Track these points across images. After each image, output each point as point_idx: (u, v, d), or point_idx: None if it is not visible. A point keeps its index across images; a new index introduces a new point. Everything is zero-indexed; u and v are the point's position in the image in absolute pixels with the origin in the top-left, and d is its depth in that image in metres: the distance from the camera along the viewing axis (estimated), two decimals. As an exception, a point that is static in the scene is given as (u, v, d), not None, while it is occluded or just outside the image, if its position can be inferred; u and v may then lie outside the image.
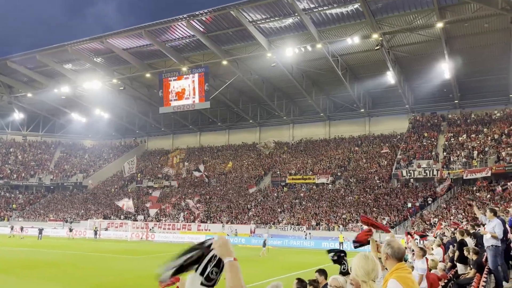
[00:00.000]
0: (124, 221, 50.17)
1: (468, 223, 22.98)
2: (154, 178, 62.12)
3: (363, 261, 3.03)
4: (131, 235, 45.98)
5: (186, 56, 47.43)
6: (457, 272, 10.39)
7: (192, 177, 59.41)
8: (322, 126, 58.87)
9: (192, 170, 57.77)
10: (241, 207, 48.92)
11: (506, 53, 38.68)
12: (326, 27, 39.02)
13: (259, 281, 17.70)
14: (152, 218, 49.86)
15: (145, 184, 61.58)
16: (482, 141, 42.53)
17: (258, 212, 47.14)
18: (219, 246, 1.83)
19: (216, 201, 51.80)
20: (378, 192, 43.93)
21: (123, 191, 60.47)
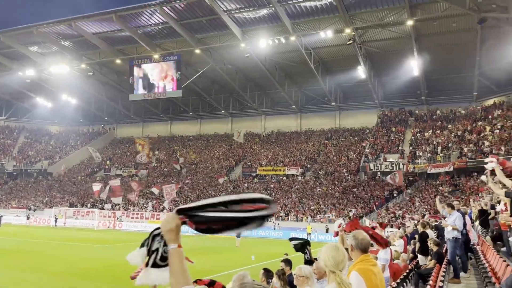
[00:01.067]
0: (91, 210, 49.21)
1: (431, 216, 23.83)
2: (123, 166, 61.08)
3: (334, 251, 3.08)
4: (98, 223, 45.19)
5: (158, 43, 46.59)
6: (418, 263, 10.78)
7: (161, 166, 58.84)
8: (293, 118, 59.31)
9: (162, 159, 57.17)
10: (211, 197, 48.77)
11: (472, 53, 39.96)
12: (300, 20, 39.17)
13: (228, 270, 17.83)
14: (120, 207, 49.11)
15: (113, 172, 60.45)
16: (446, 137, 43.99)
17: (228, 202, 47.16)
18: (166, 231, 1.74)
19: (186, 191, 51.50)
20: (346, 184, 44.81)
21: (90, 178, 59.16)
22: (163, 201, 47.51)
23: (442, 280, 7.07)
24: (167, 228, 1.75)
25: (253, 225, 1.72)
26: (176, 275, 1.71)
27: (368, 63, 45.05)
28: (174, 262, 1.72)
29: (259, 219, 1.72)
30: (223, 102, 59.77)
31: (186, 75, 48.85)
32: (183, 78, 47.16)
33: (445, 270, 8.41)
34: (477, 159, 36.60)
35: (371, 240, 6.04)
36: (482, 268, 8.60)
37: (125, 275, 3.06)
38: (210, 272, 17.30)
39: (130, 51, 48.28)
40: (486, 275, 7.24)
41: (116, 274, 16.17)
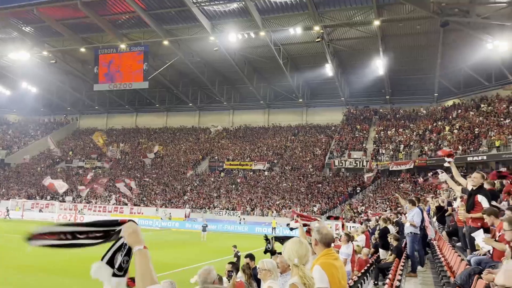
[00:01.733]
0: (51, 202, 47.67)
1: (392, 212, 24.62)
2: (86, 158, 59.46)
3: (297, 245, 3.15)
4: (58, 216, 43.84)
5: (125, 32, 45.50)
6: (379, 257, 11.14)
7: (126, 159, 57.69)
8: (261, 113, 59.51)
9: (126, 151, 56.02)
10: (176, 191, 48.41)
11: (434, 55, 41.36)
12: (270, 15, 39.26)
13: (193, 264, 17.78)
14: (81, 200, 47.84)
15: (75, 164, 58.75)
16: (408, 136, 45.42)
17: (194, 196, 46.95)
18: (129, 234, 1.75)
19: (150, 184, 50.77)
20: (311, 180, 45.51)
21: (50, 170, 57.23)
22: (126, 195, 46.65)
23: (401, 274, 7.35)
24: (129, 231, 1.77)
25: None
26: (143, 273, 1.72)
27: (336, 61, 45.77)
28: (140, 262, 1.73)
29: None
30: (191, 95, 59.16)
31: (154, 66, 48.00)
32: (150, 70, 46.31)
33: (404, 264, 8.74)
34: (437, 158, 38.03)
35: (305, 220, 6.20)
36: (438, 262, 9.00)
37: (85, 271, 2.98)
38: (176, 266, 17.20)
39: (95, 40, 46.90)
40: (442, 269, 7.58)
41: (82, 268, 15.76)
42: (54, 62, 49.64)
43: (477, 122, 39.94)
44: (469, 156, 35.56)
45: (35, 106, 66.31)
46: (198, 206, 44.74)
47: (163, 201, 46.51)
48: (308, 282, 2.98)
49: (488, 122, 38.68)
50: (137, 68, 45.62)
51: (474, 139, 37.83)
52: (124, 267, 1.80)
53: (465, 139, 38.55)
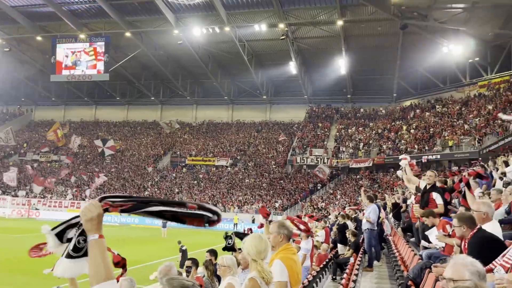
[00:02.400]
0: (2, 197, 45.53)
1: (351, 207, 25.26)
2: (40, 151, 57.13)
3: (257, 240, 3.20)
4: (11, 211, 41.98)
5: (85, 22, 44.03)
6: (337, 252, 11.43)
7: (84, 153, 55.95)
8: (225, 109, 59.30)
9: (84, 145, 54.29)
10: (136, 186, 47.48)
11: (394, 56, 42.70)
12: (235, 11, 39.16)
13: (153, 260, 17.54)
14: (35, 194, 45.99)
15: (29, 157, 56.33)
16: (368, 135, 46.70)
17: (155, 192, 46.23)
18: (86, 220, 1.61)
19: (110, 179, 49.49)
20: (273, 176, 45.91)
21: (2, 163, 54.62)
22: (84, 190, 45.35)
23: (358, 269, 7.58)
24: (88, 216, 1.61)
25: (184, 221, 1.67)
26: (97, 267, 1.57)
27: (300, 59, 46.29)
28: (94, 254, 1.59)
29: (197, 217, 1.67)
30: (153, 88, 58.06)
31: (115, 58, 46.73)
32: (111, 61, 45.08)
33: (361, 259, 9.02)
34: (394, 156, 39.36)
35: (296, 228, 6.33)
36: (393, 257, 9.35)
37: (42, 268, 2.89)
38: (136, 262, 16.91)
39: (53, 29, 45.10)
40: (396, 264, 7.88)
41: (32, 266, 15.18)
42: (8, 50, 47.36)
43: (432, 123, 41.63)
44: (424, 155, 37.02)
45: (-14, 95, 62.94)
46: (159, 202, 44.04)
47: (123, 196, 45.43)
48: (266, 276, 3.04)
49: (442, 123, 40.42)
50: (98, 59, 44.27)
51: (429, 138, 39.43)
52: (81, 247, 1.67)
53: (421, 138, 40.10)
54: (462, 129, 37.12)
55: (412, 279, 5.20)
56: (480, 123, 35.37)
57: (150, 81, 56.71)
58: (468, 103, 40.73)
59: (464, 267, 2.14)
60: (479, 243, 4.02)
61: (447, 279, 2.18)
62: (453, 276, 2.14)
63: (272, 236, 3.56)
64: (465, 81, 43.00)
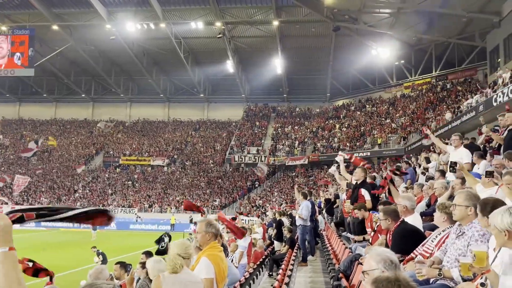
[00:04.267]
0: None
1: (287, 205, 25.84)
2: (-44, 152, 52.31)
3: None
4: None
5: (7, 13, 40.92)
6: (274, 248, 11.63)
7: (6, 153, 52.03)
8: (161, 107, 57.96)
9: (6, 145, 50.52)
10: (66, 188, 45.03)
11: (327, 57, 44.25)
12: (171, 8, 38.43)
13: (85, 265, 16.76)
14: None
15: None
16: (303, 133, 48.03)
17: (86, 193, 44.15)
18: None
19: (35, 181, 46.46)
20: (211, 175, 45.71)
21: None
22: (7, 193, 42.18)
23: (293, 264, 7.77)
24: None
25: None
26: (10, 282, 1.42)
27: (237, 58, 46.45)
28: (6, 268, 1.44)
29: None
30: (83, 85, 55.28)
31: (41, 52, 43.90)
32: (36, 56, 42.25)
33: (296, 255, 9.26)
34: (328, 154, 40.81)
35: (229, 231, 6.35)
36: (326, 251, 9.69)
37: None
38: (66, 267, 16.08)
39: (-31, 19, 41.39)
40: (329, 257, 8.19)
41: None
42: None
43: (362, 121, 43.74)
44: (355, 152, 38.73)
45: None
46: (90, 204, 42.12)
47: (51, 199, 42.93)
48: None
49: (372, 122, 42.61)
50: (21, 53, 41.29)
51: (360, 136, 41.39)
52: None
53: (353, 136, 41.98)
54: (390, 127, 39.37)
55: (342, 272, 5.43)
56: (405, 122, 37.74)
57: (80, 77, 53.92)
58: (395, 103, 43.28)
59: (371, 258, 2.26)
60: (401, 234, 4.30)
61: (361, 274, 2.29)
62: (364, 268, 2.26)
63: (200, 236, 3.60)
64: (392, 82, 45.65)
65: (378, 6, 34.47)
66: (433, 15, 32.82)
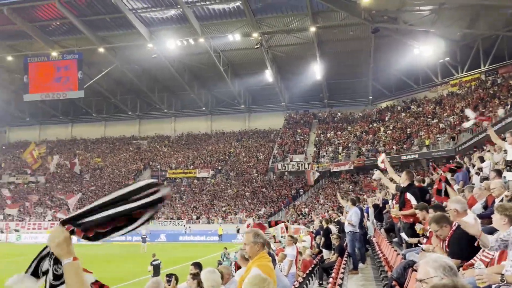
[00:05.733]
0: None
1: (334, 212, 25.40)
2: (17, 173, 55.68)
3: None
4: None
5: (57, 40, 43.37)
6: (322, 257, 11.44)
7: (62, 172, 54.80)
8: (204, 120, 59.08)
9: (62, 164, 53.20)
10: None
11: (367, 60, 43.43)
12: (209, 22, 39.24)
13: (136, 278, 17.21)
14: (13, 218, 44.70)
15: (5, 179, 54.79)
16: (346, 138, 47.23)
17: (136, 207, 45.51)
18: (56, 246, 1.55)
19: (90, 197, 48.51)
20: (255, 185, 45.85)
21: (-24, 188, 52.95)
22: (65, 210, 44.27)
23: (343, 272, 7.61)
24: (55, 242, 1.56)
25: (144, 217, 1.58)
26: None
27: (275, 67, 46.62)
28: (71, 277, 1.55)
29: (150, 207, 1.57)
30: (129, 103, 57.45)
31: (89, 74, 46.13)
32: (85, 78, 44.45)
33: (346, 263, 9.05)
34: (374, 158, 39.83)
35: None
36: (377, 258, 9.41)
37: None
38: (119, 280, 16.56)
39: (24, 47, 44.22)
40: (380, 265, 7.94)
41: None
42: (-23, 71, 46.20)
43: (408, 123, 42.42)
44: (402, 155, 37.63)
45: (-44, 119, 61.01)
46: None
47: (104, 214, 44.62)
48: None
49: (418, 123, 41.22)
50: (72, 77, 43.61)
51: (406, 138, 40.13)
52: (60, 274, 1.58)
53: (399, 139, 40.77)
54: (438, 127, 37.92)
55: (396, 279, 5.24)
56: (454, 121, 36.22)
57: (126, 96, 56.12)
58: (441, 102, 41.69)
59: (426, 264, 2.15)
60: (458, 239, 4.09)
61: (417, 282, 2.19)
62: (420, 277, 2.15)
63: (249, 247, 3.54)
64: (437, 81, 44.06)
65: (418, 4, 33.49)
66: (477, 9, 31.47)
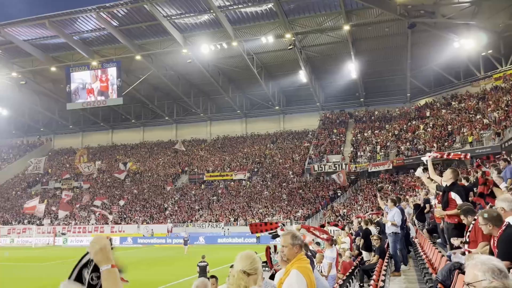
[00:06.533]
0: (28, 226, 46.29)
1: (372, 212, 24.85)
2: (62, 179, 58.09)
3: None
4: (37, 241, 42.61)
5: (96, 49, 44.99)
6: (362, 259, 11.20)
7: (104, 177, 56.67)
8: (239, 123, 59.51)
9: (103, 169, 55.05)
10: (157, 206, 47.76)
11: (404, 56, 42.34)
12: (241, 25, 39.52)
13: (177, 280, 17.50)
14: (59, 222, 46.64)
15: (51, 185, 57.33)
16: (384, 137, 46.16)
17: (175, 211, 46.41)
18: (96, 252, 1.63)
19: (130, 201, 49.94)
20: (292, 186, 45.62)
21: (26, 193, 55.68)
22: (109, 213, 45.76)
23: (384, 274, 7.40)
24: (96, 248, 1.63)
25: None
26: None
27: (309, 67, 46.29)
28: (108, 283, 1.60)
29: None
30: (166, 108, 58.76)
31: (127, 82, 47.53)
32: (124, 85, 45.83)
33: (387, 264, 8.82)
34: (413, 156, 38.73)
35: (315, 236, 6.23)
36: (420, 260, 9.11)
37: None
38: (160, 283, 16.90)
39: (66, 58, 46.17)
40: (424, 266, 7.67)
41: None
42: (24, 83, 48.59)
43: (449, 119, 40.94)
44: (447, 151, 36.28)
45: (6, 129, 64.45)
46: (180, 221, 44.21)
47: (144, 217, 45.81)
48: None
49: (460, 119, 39.70)
50: (111, 84, 45.10)
51: (448, 136, 38.74)
52: (95, 284, 1.66)
53: (439, 136, 39.42)
54: (481, 123, 36.37)
55: (441, 282, 5.04)
56: (499, 116, 34.62)
57: (163, 101, 57.43)
58: (485, 97, 39.98)
59: (474, 267, 2.03)
60: (508, 239, 3.88)
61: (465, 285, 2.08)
62: (468, 280, 2.04)
63: (287, 249, 3.47)
64: (479, 75, 42.29)
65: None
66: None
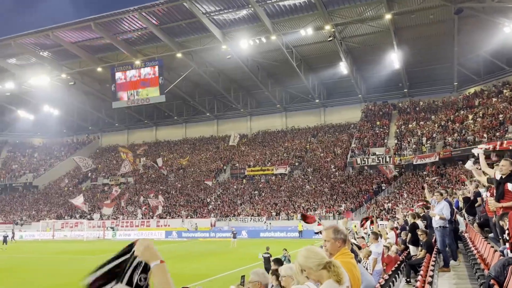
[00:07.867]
0: (80, 221, 48.60)
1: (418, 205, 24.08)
2: (110, 175, 60.44)
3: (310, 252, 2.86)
4: (88, 234, 44.67)
5: (139, 49, 46.25)
6: (409, 253, 10.89)
7: (149, 172, 58.37)
8: (279, 117, 59.42)
9: (148, 165, 56.69)
10: (200, 201, 48.68)
11: (450, 43, 40.57)
12: (280, 19, 39.29)
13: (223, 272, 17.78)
14: (108, 216, 48.60)
15: (100, 181, 59.80)
16: (430, 128, 44.54)
17: (218, 205, 47.11)
18: (143, 251, 1.70)
19: (175, 196, 51.20)
20: (334, 180, 45.04)
21: (77, 189, 58.42)
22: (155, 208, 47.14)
23: (433, 270, 7.16)
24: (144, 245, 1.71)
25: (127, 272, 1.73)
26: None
27: (350, 59, 45.37)
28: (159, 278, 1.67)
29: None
30: (207, 104, 59.62)
31: (169, 79, 48.59)
32: (166, 83, 46.89)
33: (435, 259, 8.52)
34: (462, 148, 37.17)
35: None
36: (471, 255, 8.74)
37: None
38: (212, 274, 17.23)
39: (111, 58, 47.82)
40: (475, 262, 7.36)
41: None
42: (73, 83, 50.80)
43: (501, 108, 38.90)
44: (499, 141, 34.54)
45: (57, 128, 67.97)
46: (223, 215, 44.85)
47: (188, 212, 46.83)
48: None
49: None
50: (153, 82, 46.28)
51: (499, 125, 36.84)
52: (142, 285, 1.72)
53: (490, 126, 37.57)
54: (536, 111, 34.33)
55: (494, 278, 4.81)
56: (556, 103, 32.51)
57: (204, 97, 58.30)
58: (539, 83, 37.65)
59: None
60: None
61: None
62: None
63: (329, 243, 3.39)
64: (533, 60, 39.86)
65: (506, -23, 30.57)
66: None
